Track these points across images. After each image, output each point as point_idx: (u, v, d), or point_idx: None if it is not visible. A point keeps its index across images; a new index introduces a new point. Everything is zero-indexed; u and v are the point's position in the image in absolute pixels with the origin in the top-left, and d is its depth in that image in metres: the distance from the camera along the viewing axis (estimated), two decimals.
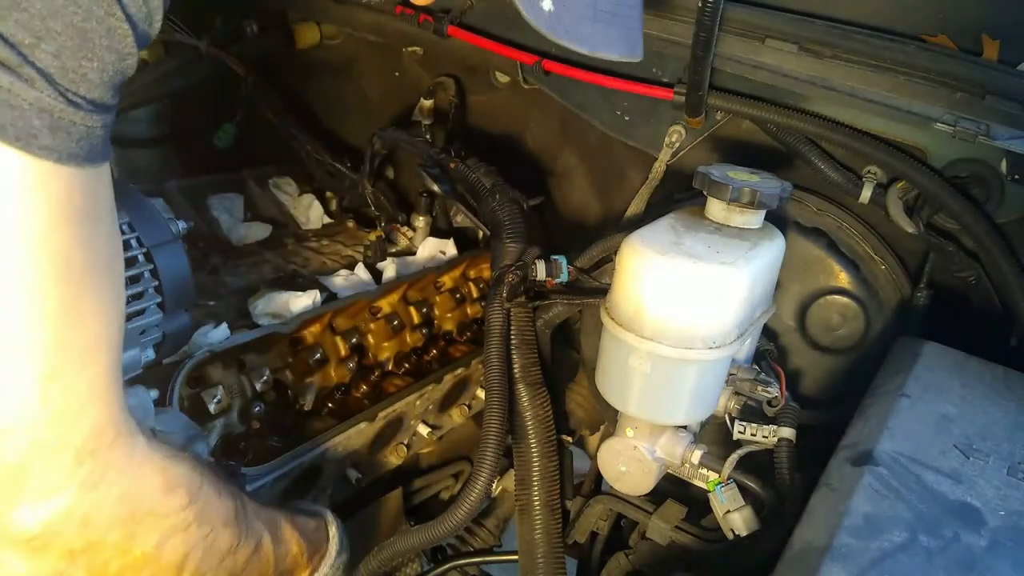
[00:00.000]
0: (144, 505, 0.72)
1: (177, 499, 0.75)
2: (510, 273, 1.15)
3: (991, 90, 1.00)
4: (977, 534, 0.73)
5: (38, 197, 0.59)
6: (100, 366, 0.66)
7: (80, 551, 0.68)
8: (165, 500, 0.74)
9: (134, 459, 0.70)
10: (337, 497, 1.22)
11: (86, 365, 0.64)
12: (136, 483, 0.71)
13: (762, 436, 1.00)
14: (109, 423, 0.67)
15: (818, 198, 1.17)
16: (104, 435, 0.66)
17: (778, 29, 1.09)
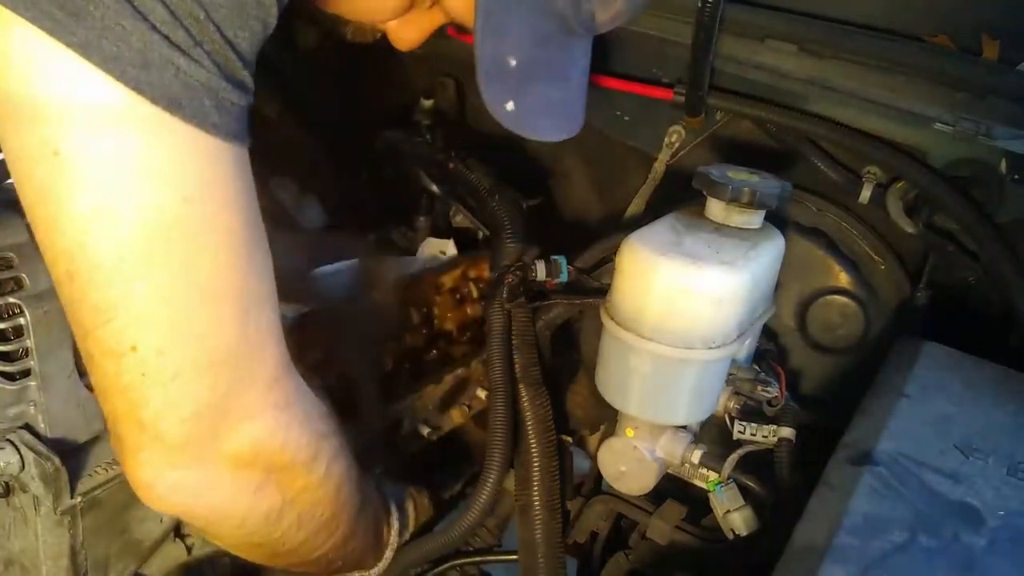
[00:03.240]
0: (318, 427, 0.84)
1: (333, 424, 0.88)
2: (510, 273, 1.15)
3: (991, 90, 1.00)
4: (977, 534, 0.73)
5: (214, 168, 0.67)
6: (273, 309, 0.76)
7: (277, 467, 0.79)
8: (327, 424, 0.86)
9: (302, 388, 0.82)
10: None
11: (266, 307, 0.75)
12: (309, 408, 0.83)
13: (762, 436, 1.00)
14: (283, 359, 0.78)
15: (818, 198, 1.17)
16: (281, 366, 0.77)
17: (778, 29, 1.09)
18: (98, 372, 0.70)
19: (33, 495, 0.91)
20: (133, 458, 0.72)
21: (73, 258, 0.65)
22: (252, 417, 0.75)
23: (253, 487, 0.78)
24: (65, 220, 0.64)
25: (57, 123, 0.61)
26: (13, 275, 0.87)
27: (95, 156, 0.62)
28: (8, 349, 0.87)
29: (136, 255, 0.65)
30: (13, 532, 0.95)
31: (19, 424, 0.90)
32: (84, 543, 0.94)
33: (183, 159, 0.65)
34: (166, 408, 0.69)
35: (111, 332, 0.67)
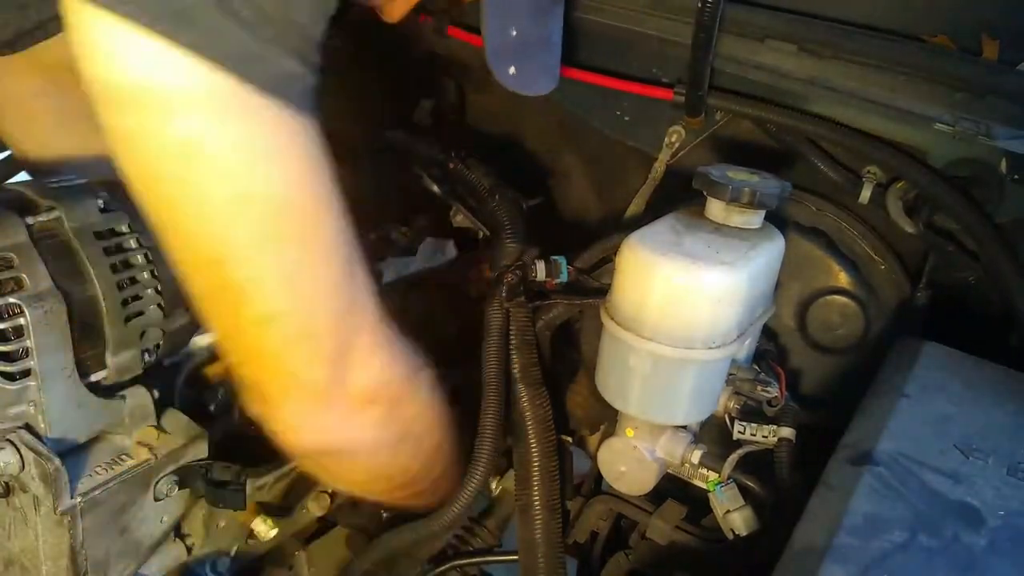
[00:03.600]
0: (413, 362, 0.95)
1: (422, 358, 0.98)
2: (509, 273, 1.15)
3: (991, 90, 1.00)
4: (977, 534, 0.73)
5: (311, 145, 0.74)
6: (363, 269, 0.85)
7: (393, 400, 0.91)
8: (419, 358, 0.97)
9: (393, 329, 0.91)
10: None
11: (360, 263, 0.84)
12: (404, 345, 0.93)
13: (762, 436, 1.00)
14: (378, 307, 0.87)
15: (818, 198, 1.17)
16: (378, 311, 0.87)
17: (778, 29, 1.09)
18: (244, 344, 0.81)
19: (33, 495, 0.91)
20: (281, 410, 0.84)
21: (221, 242, 0.72)
22: (369, 357, 0.86)
23: (378, 419, 0.90)
24: (209, 209, 0.71)
25: (189, 118, 0.67)
26: (13, 275, 0.87)
27: (227, 146, 0.69)
28: (8, 349, 0.87)
29: (275, 230, 0.73)
30: (13, 532, 0.95)
31: (19, 424, 0.90)
32: (84, 543, 0.93)
33: (293, 139, 0.73)
34: (308, 361, 0.81)
35: (257, 305, 0.76)
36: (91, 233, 0.94)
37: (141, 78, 0.66)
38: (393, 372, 0.91)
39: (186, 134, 0.67)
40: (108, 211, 0.97)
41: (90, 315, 0.92)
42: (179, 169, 0.69)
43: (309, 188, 0.76)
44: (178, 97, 0.67)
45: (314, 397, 0.84)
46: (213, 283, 0.76)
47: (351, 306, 0.84)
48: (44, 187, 0.97)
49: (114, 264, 0.94)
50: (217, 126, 0.68)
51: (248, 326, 0.78)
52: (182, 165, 0.69)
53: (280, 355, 0.80)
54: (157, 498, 1.00)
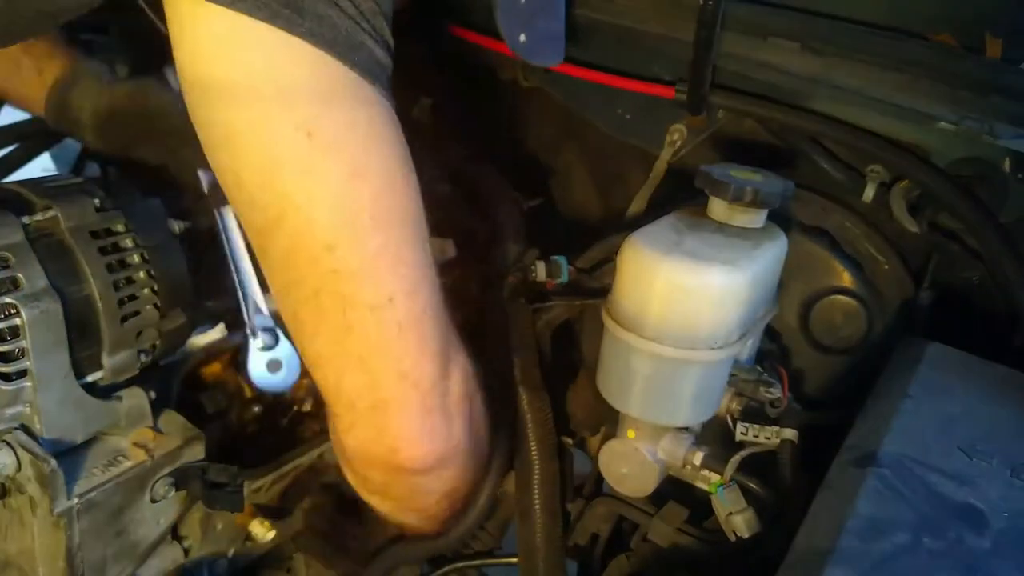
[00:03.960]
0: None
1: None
2: (510, 274, 1.15)
3: (995, 88, 0.99)
4: (980, 536, 0.72)
5: (399, 126, 0.79)
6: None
7: (472, 397, 0.93)
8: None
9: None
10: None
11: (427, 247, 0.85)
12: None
13: (764, 437, 1.00)
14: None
15: (821, 197, 1.17)
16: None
17: (780, 27, 1.08)
18: (358, 340, 0.79)
19: (29, 496, 0.91)
20: (398, 417, 0.83)
21: (334, 227, 0.74)
22: (460, 347, 0.89)
23: (467, 422, 0.91)
24: (325, 193, 0.73)
25: (306, 106, 0.71)
26: (9, 275, 0.87)
27: (342, 129, 0.73)
28: (4, 350, 0.87)
29: (382, 211, 0.76)
30: (9, 534, 0.95)
31: (15, 425, 0.90)
32: (81, 545, 0.93)
33: (391, 123, 0.77)
34: (420, 350, 0.82)
35: (372, 288, 0.77)
36: (87, 232, 0.94)
37: (260, 70, 0.69)
38: (472, 368, 0.93)
39: (304, 119, 0.71)
40: (104, 210, 0.97)
41: (86, 315, 0.92)
42: (298, 153, 0.72)
43: (407, 169, 0.79)
44: (295, 84, 0.70)
45: (427, 395, 0.84)
46: (327, 272, 0.76)
47: (440, 293, 0.85)
48: (40, 186, 0.97)
49: (110, 264, 0.94)
50: (331, 109, 0.72)
51: (363, 316, 0.78)
52: (301, 150, 0.71)
53: (395, 346, 0.80)
54: (154, 500, 1.00)
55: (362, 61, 0.73)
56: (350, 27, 0.71)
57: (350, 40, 0.71)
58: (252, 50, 0.69)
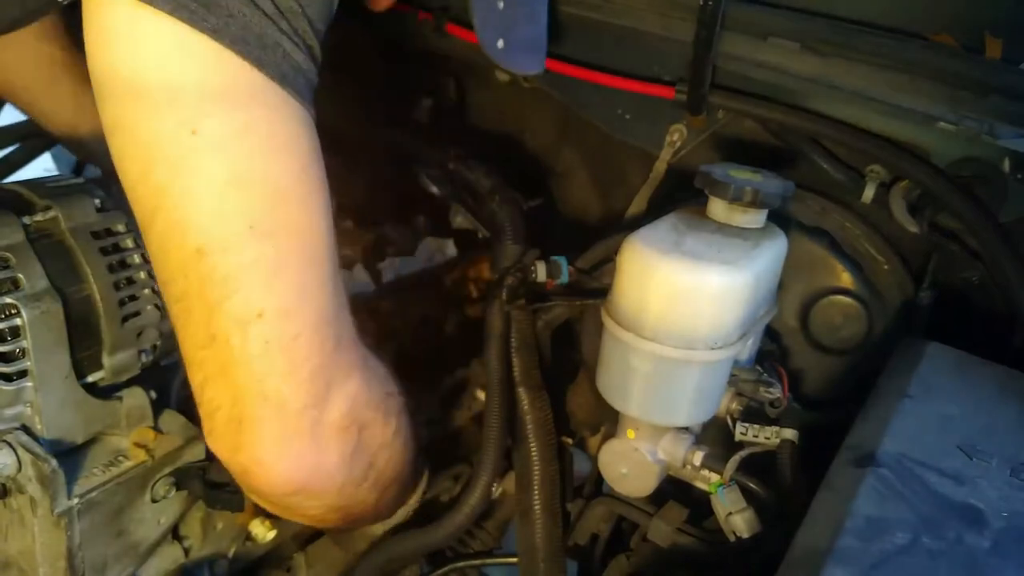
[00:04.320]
0: (386, 385, 0.91)
1: (393, 385, 0.94)
2: (510, 275, 1.15)
3: (994, 89, 0.99)
4: (980, 535, 0.72)
5: (312, 138, 0.76)
6: (339, 276, 0.81)
7: (365, 426, 0.85)
8: (389, 383, 0.93)
9: (367, 351, 0.88)
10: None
11: (336, 273, 0.80)
12: (376, 366, 0.89)
13: (764, 437, 1.00)
14: (352, 323, 0.84)
15: (821, 197, 1.17)
16: (352, 329, 0.84)
17: (780, 27, 1.08)
18: (220, 351, 0.74)
19: (30, 497, 0.91)
20: (254, 437, 0.76)
21: (208, 229, 0.70)
22: (348, 376, 0.81)
23: (351, 449, 0.83)
24: (202, 193, 0.70)
25: (195, 103, 0.68)
26: (10, 275, 0.87)
27: (232, 129, 0.69)
28: (5, 350, 0.87)
29: (265, 220, 0.71)
30: (10, 534, 0.95)
31: (16, 425, 0.90)
32: (81, 545, 0.93)
33: (297, 131, 0.73)
34: (288, 373, 0.75)
35: (240, 300, 0.72)
36: (88, 233, 0.94)
37: (152, 62, 0.67)
38: (370, 395, 0.86)
39: (190, 116, 0.68)
40: (105, 210, 0.97)
41: (87, 315, 0.92)
42: (178, 150, 0.69)
43: (307, 181, 0.75)
44: (186, 79, 0.68)
45: (291, 419, 0.76)
46: (195, 277, 0.72)
47: (335, 315, 0.79)
48: (41, 186, 0.97)
49: (111, 264, 0.94)
50: (223, 110, 0.69)
51: (227, 328, 0.73)
52: (182, 147, 0.68)
53: (258, 364, 0.74)
54: (154, 500, 1.00)
55: (273, 62, 0.70)
56: (265, 26, 0.69)
57: (262, 40, 0.69)
58: (148, 41, 0.67)
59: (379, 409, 0.88)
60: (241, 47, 0.68)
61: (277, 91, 0.71)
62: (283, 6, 0.70)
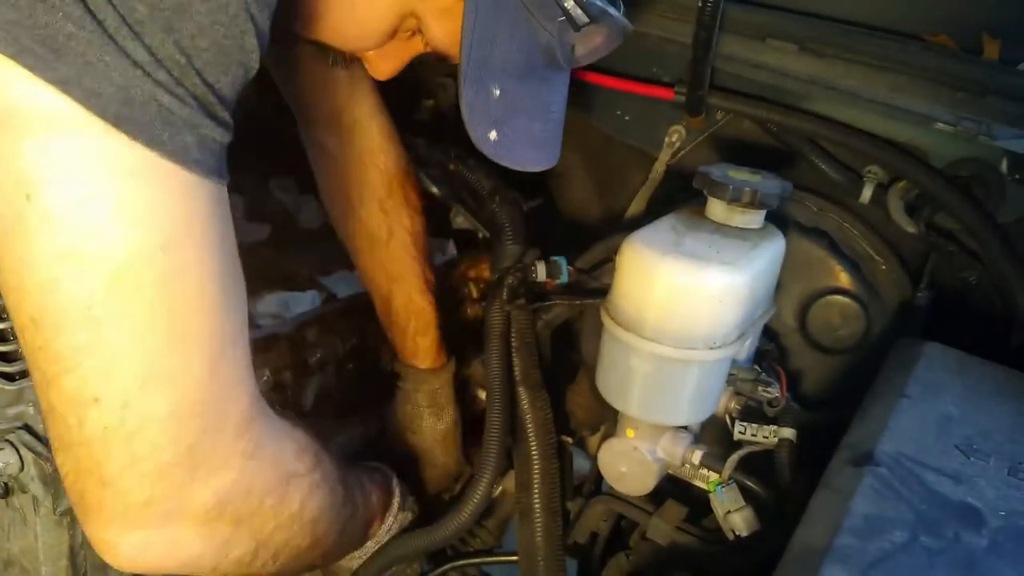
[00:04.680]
0: (288, 468, 0.82)
1: (308, 460, 0.85)
2: (510, 275, 1.15)
3: (992, 89, 1.00)
4: (978, 534, 0.72)
5: (194, 206, 0.65)
6: (245, 349, 0.73)
7: (245, 517, 0.76)
8: (300, 462, 0.84)
9: (273, 428, 0.79)
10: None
11: (237, 348, 0.72)
12: (280, 449, 0.81)
13: (763, 437, 1.00)
14: (254, 399, 0.75)
15: (819, 198, 1.17)
16: (251, 409, 0.74)
17: (779, 28, 1.09)
18: (59, 424, 0.66)
19: (32, 496, 0.91)
20: (95, 518, 0.69)
21: (39, 302, 0.63)
22: (219, 469, 0.72)
23: (222, 539, 0.76)
24: (33, 262, 0.62)
25: (32, 163, 0.59)
26: None
27: (70, 198, 0.60)
28: (7, 349, 0.87)
29: (105, 301, 0.63)
30: (12, 533, 0.95)
31: (18, 424, 0.90)
32: (83, 544, 0.94)
33: (162, 199, 0.63)
34: (129, 464, 0.66)
35: (74, 381, 0.64)
36: None
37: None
38: (250, 486, 0.76)
39: (29, 175, 0.60)
40: None
41: None
42: (14, 209, 0.61)
43: (173, 259, 0.65)
44: (30, 139, 0.59)
45: (134, 510, 0.68)
46: (31, 344, 0.65)
47: (208, 401, 0.70)
48: None
49: None
50: (67, 174, 0.60)
51: (63, 405, 0.65)
52: (17, 206, 0.61)
53: (95, 450, 0.66)
54: None
55: (140, 121, 0.60)
56: (132, 77, 0.59)
57: (127, 93, 0.59)
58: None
59: (267, 498, 0.79)
60: (95, 103, 0.58)
61: (141, 153, 0.61)
62: (162, 54, 0.60)
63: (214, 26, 0.61)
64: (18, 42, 0.56)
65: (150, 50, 0.59)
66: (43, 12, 0.56)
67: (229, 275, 0.71)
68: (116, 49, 0.58)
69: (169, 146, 0.62)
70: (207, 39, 0.61)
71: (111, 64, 0.58)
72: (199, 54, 0.61)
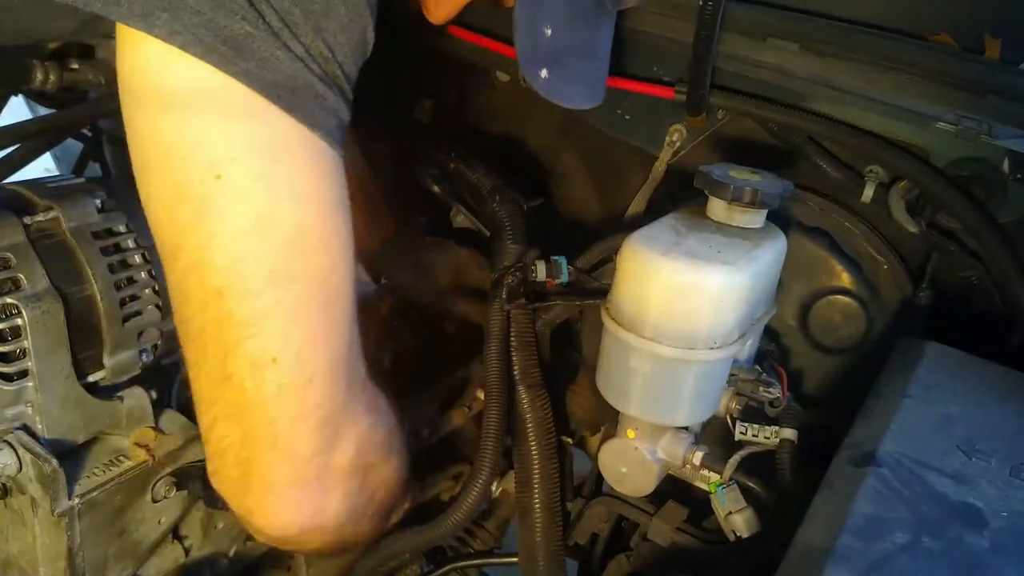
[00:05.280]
0: (390, 422, 0.91)
1: (397, 416, 0.94)
2: (510, 274, 1.15)
3: (993, 89, 0.99)
4: (980, 535, 0.72)
5: (336, 178, 0.75)
6: (355, 320, 0.82)
7: (369, 467, 0.87)
8: (393, 417, 0.93)
9: (374, 387, 0.88)
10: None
11: (353, 316, 0.81)
12: (381, 406, 0.90)
13: (764, 437, 1.00)
14: (363, 363, 0.84)
15: (820, 197, 1.17)
16: (363, 370, 0.84)
17: (780, 27, 1.08)
18: (233, 392, 0.74)
19: (31, 497, 0.91)
20: (261, 480, 0.77)
21: (227, 273, 0.70)
22: (357, 420, 0.82)
23: (354, 493, 0.85)
24: (224, 237, 0.70)
25: (222, 146, 0.68)
26: (11, 275, 0.87)
27: (256, 176, 0.69)
28: (6, 350, 0.87)
29: (284, 266, 0.71)
30: (11, 534, 0.95)
31: (17, 425, 0.90)
32: (82, 545, 0.93)
33: (320, 172, 0.73)
34: (299, 418, 0.75)
35: (256, 344, 0.72)
36: (89, 233, 0.94)
37: (181, 103, 0.67)
38: (375, 437, 0.86)
39: (217, 160, 0.68)
40: (106, 211, 0.97)
41: (88, 315, 0.92)
42: (203, 193, 0.69)
43: (329, 226, 0.75)
44: (214, 123, 0.67)
45: (299, 466, 0.77)
46: (213, 318, 0.73)
47: (348, 359, 0.80)
48: (42, 187, 0.97)
49: (112, 264, 0.94)
50: (250, 155, 0.69)
51: (242, 370, 0.73)
52: (207, 190, 0.69)
53: (271, 408, 0.74)
54: (155, 499, 1.00)
55: (303, 106, 0.70)
56: (296, 69, 0.68)
57: (293, 83, 0.69)
58: (177, 84, 0.67)
59: (383, 449, 0.89)
60: (271, 92, 0.67)
61: (305, 135, 0.71)
62: (314, 50, 0.69)
63: (350, 24, 0.71)
64: (203, 43, 0.65)
65: (305, 46, 0.69)
66: (224, 16, 0.65)
67: (353, 243, 0.79)
68: (283, 45, 0.67)
69: (323, 128, 0.71)
70: (345, 35, 0.71)
71: (280, 59, 0.67)
72: (340, 48, 0.71)
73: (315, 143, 0.71)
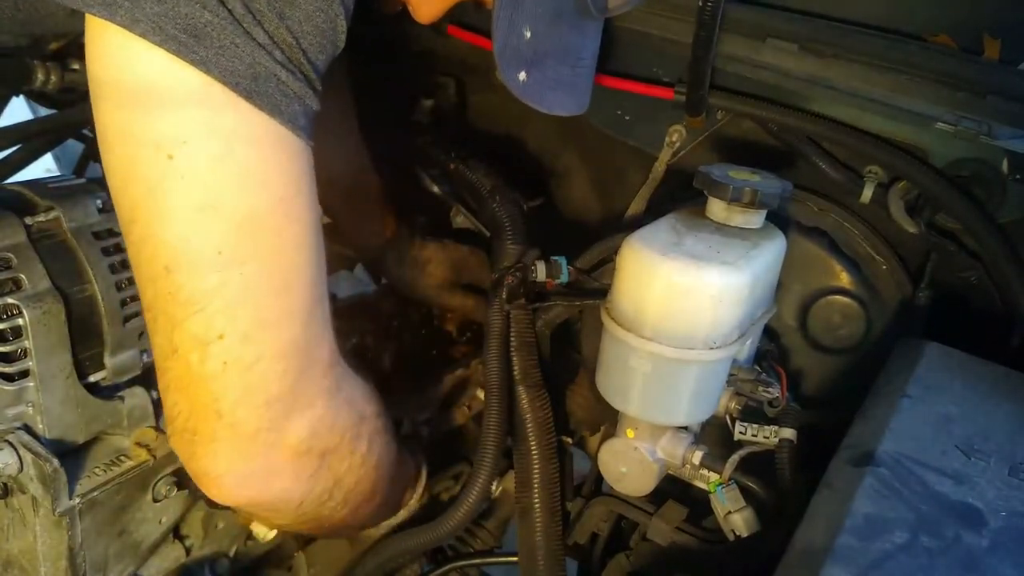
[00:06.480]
0: (360, 409, 0.92)
1: (375, 405, 0.96)
2: (510, 275, 1.15)
3: (992, 89, 0.99)
4: (979, 535, 0.72)
5: (299, 166, 0.76)
6: (327, 302, 0.83)
7: (328, 452, 0.87)
8: (369, 405, 0.94)
9: (347, 374, 0.90)
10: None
11: (324, 298, 0.82)
12: (353, 391, 0.91)
13: (763, 437, 1.00)
14: (333, 347, 0.85)
15: (819, 198, 1.17)
16: (333, 355, 0.85)
17: (779, 28, 1.08)
18: (179, 365, 0.75)
19: (32, 496, 0.91)
20: (205, 450, 0.78)
21: (175, 250, 0.72)
22: (310, 404, 0.82)
23: (310, 472, 0.85)
24: (172, 216, 0.71)
25: (175, 128, 0.69)
26: (12, 276, 0.87)
27: (208, 157, 0.70)
28: (7, 350, 0.87)
29: (233, 248, 0.72)
30: (12, 533, 0.95)
31: (18, 425, 0.90)
32: (83, 544, 0.93)
33: (279, 159, 0.73)
34: (244, 396, 0.76)
35: (201, 321, 0.73)
36: (90, 233, 0.94)
37: (138, 86, 0.69)
38: (335, 422, 0.87)
39: (168, 141, 0.69)
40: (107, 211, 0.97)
41: (89, 315, 0.92)
42: (154, 172, 0.70)
43: (286, 211, 0.75)
44: (168, 107, 0.69)
45: (243, 441, 0.78)
46: (162, 291, 0.74)
47: (304, 344, 0.80)
48: (43, 187, 0.97)
49: (112, 264, 0.94)
50: (202, 138, 0.70)
51: (188, 344, 0.75)
52: (157, 169, 0.70)
53: (215, 384, 0.76)
54: (156, 499, 1.00)
55: (264, 92, 0.70)
56: (257, 56, 0.69)
57: (253, 70, 0.69)
58: (136, 69, 0.68)
59: (346, 435, 0.89)
60: (230, 79, 0.68)
61: (266, 122, 0.71)
62: (278, 38, 0.70)
63: (316, 12, 0.71)
64: (162, 31, 0.66)
65: (268, 34, 0.69)
66: (185, 4, 0.66)
67: (320, 232, 0.80)
68: (244, 33, 0.68)
69: (286, 115, 0.72)
70: (311, 24, 0.71)
71: (240, 46, 0.68)
72: (305, 36, 0.71)
73: (276, 130, 0.72)
